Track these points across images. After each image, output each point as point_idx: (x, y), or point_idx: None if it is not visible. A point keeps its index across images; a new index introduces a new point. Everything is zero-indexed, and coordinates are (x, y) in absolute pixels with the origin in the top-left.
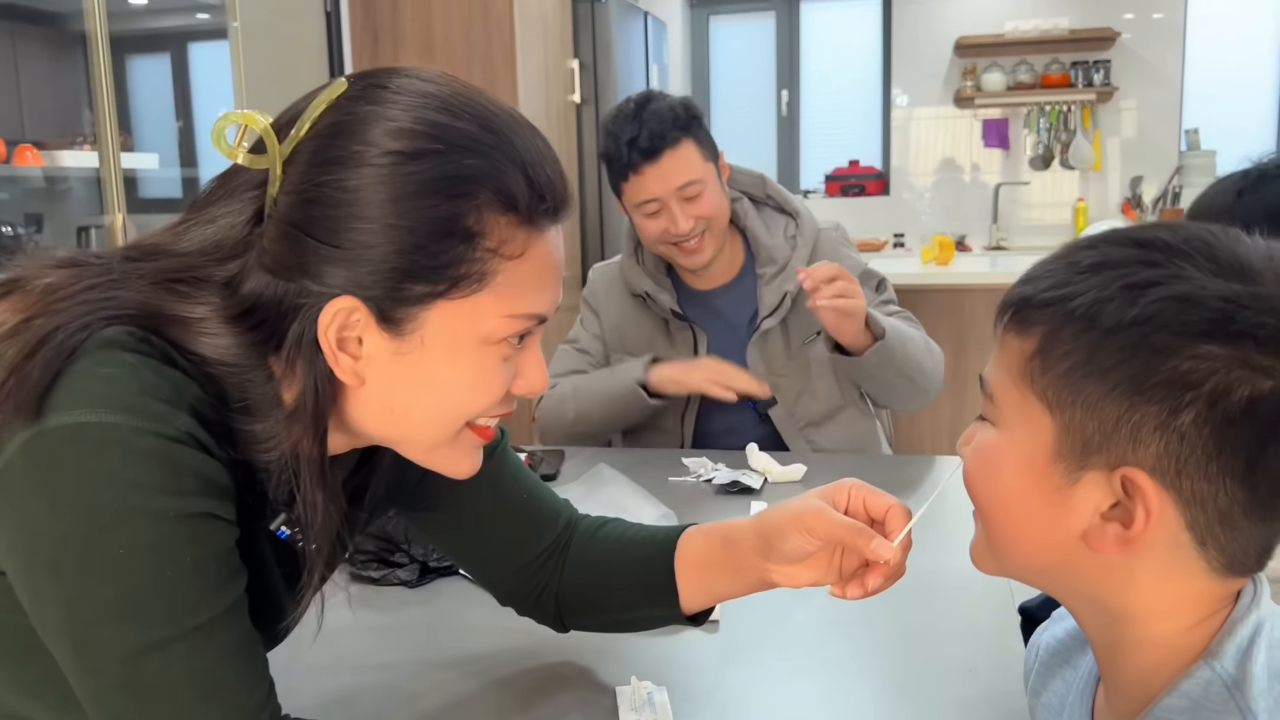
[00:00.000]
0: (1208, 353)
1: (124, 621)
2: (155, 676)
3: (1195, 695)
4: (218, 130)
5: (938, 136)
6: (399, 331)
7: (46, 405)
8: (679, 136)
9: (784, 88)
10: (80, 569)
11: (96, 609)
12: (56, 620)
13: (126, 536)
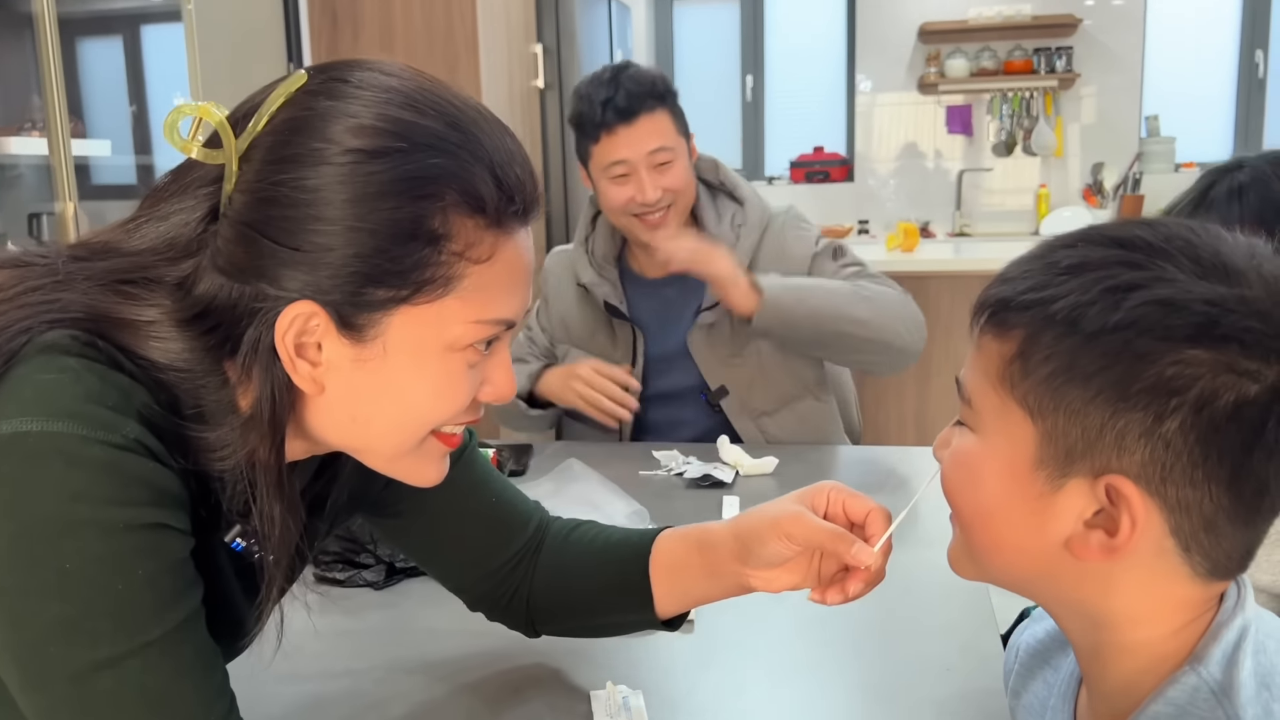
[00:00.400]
0: (1193, 358)
1: (72, 639)
2: (107, 696)
3: (1181, 702)
4: (170, 122)
5: (902, 123)
6: (360, 338)
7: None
8: (655, 105)
9: (749, 73)
10: (23, 585)
11: (42, 627)
12: (2, 638)
13: (72, 550)
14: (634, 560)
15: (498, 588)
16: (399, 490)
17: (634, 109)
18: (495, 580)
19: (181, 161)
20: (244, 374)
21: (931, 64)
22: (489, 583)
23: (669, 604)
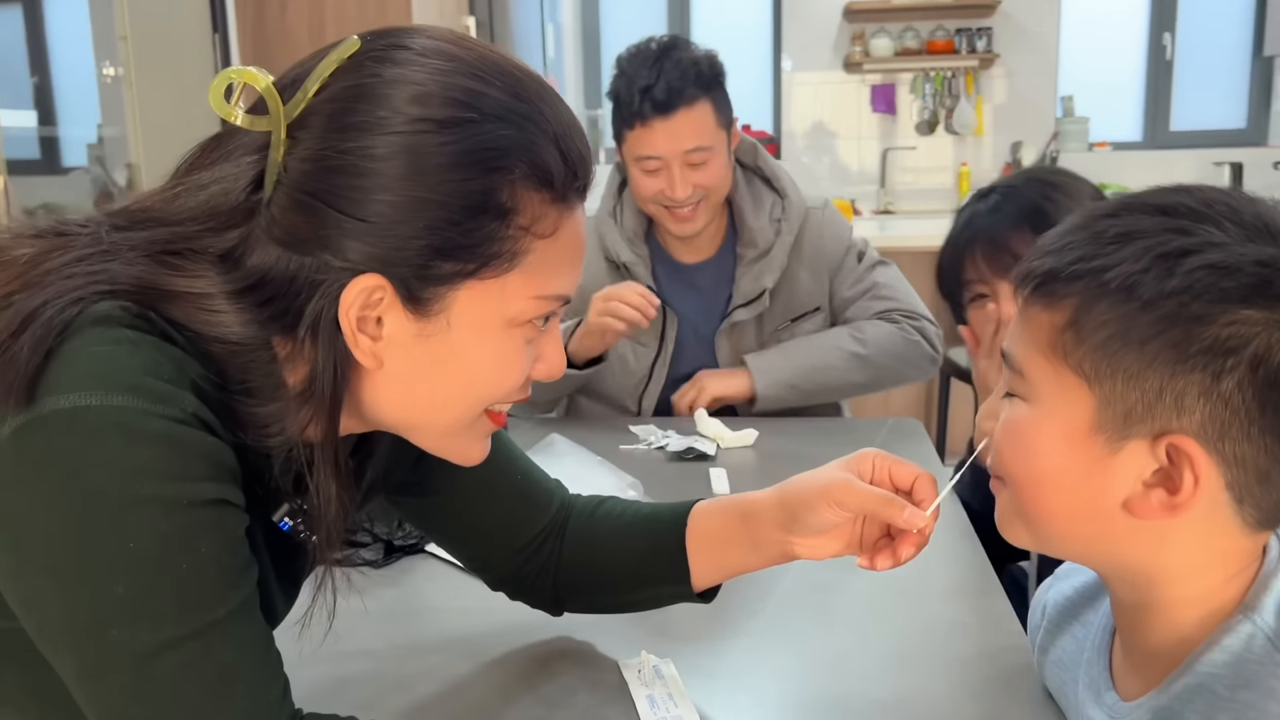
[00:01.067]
0: (1246, 317)
1: (135, 621)
2: (170, 678)
3: (1237, 650)
4: (217, 87)
5: (827, 102)
6: (425, 312)
7: (39, 388)
8: (697, 95)
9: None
10: (84, 566)
11: (104, 609)
12: (57, 624)
13: (136, 528)
14: (669, 534)
15: (524, 566)
16: (427, 469)
17: (672, 103)
18: (522, 559)
19: (219, 130)
20: (297, 348)
21: (856, 43)
22: (515, 561)
23: (706, 576)
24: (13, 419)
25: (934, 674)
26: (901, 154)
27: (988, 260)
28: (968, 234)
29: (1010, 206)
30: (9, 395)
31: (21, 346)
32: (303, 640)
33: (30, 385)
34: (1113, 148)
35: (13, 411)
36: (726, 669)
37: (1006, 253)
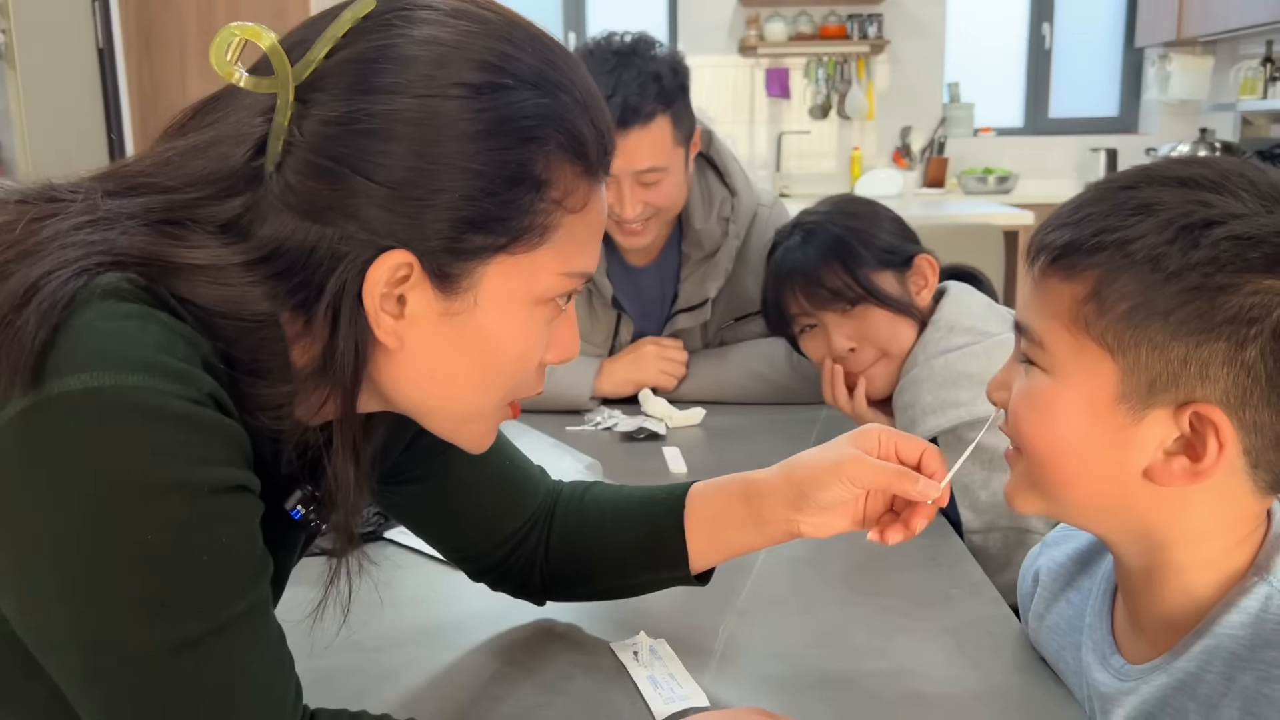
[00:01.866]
0: (1269, 287)
1: (154, 618)
2: (187, 679)
3: (1254, 610)
4: (219, 44)
5: (722, 85)
6: (452, 289)
7: (48, 366)
8: (655, 112)
9: (570, 30)
10: (98, 560)
11: (120, 606)
12: (63, 623)
13: (156, 517)
14: (666, 517)
15: (510, 556)
16: (415, 456)
17: (628, 120)
18: (508, 549)
19: (217, 89)
20: (308, 325)
21: (751, 27)
22: (501, 551)
23: (704, 558)
24: (18, 400)
25: (928, 644)
26: (795, 138)
27: (806, 295)
28: (782, 273)
29: (816, 242)
30: (14, 375)
31: (26, 320)
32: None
33: (38, 362)
34: (996, 133)
35: (18, 393)
36: (718, 647)
37: (820, 286)
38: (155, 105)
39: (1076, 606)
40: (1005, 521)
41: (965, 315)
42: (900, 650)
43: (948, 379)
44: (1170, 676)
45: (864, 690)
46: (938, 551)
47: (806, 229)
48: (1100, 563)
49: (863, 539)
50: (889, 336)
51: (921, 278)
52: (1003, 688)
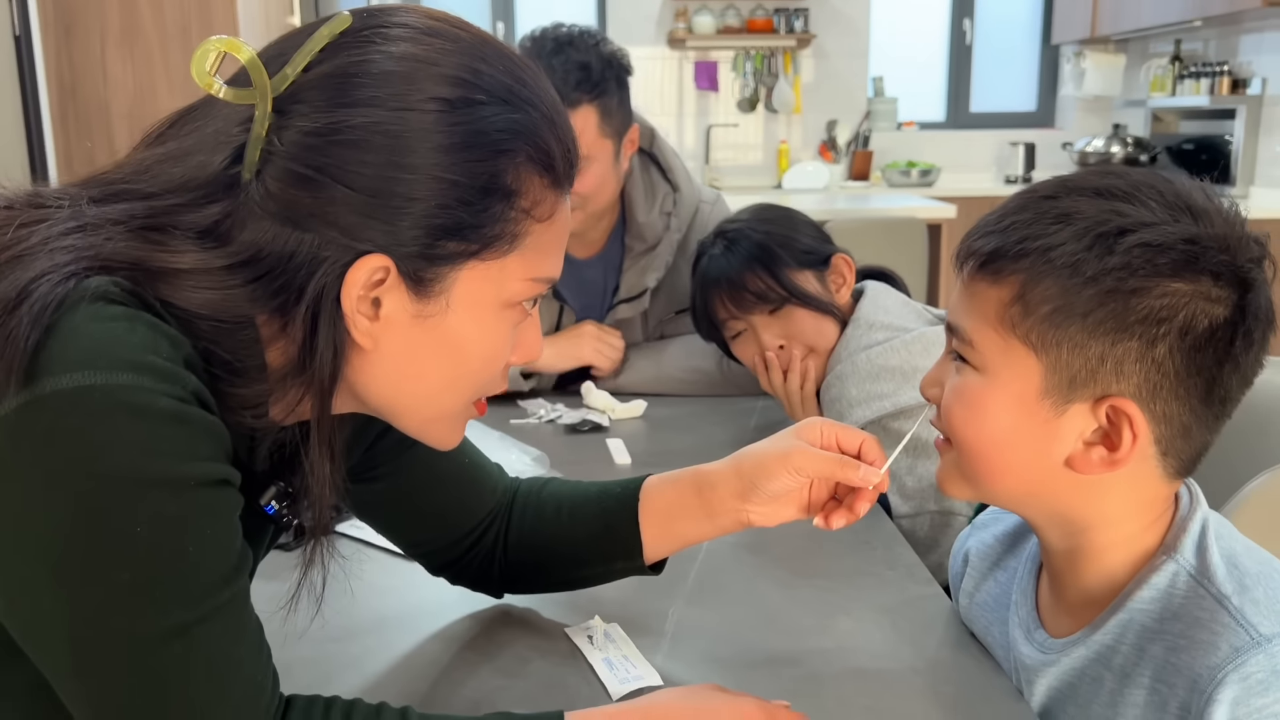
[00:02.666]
0: (1176, 290)
1: (141, 608)
2: (172, 668)
3: (1163, 586)
4: (200, 56)
5: (651, 77)
6: (426, 293)
7: (39, 366)
8: (580, 100)
9: (499, 20)
10: (88, 553)
11: (108, 596)
12: (52, 614)
13: (145, 511)
14: (621, 510)
15: (469, 551)
16: (376, 455)
17: None
18: (467, 544)
19: (196, 100)
20: (285, 326)
21: (680, 19)
22: (460, 547)
23: (658, 548)
24: (11, 399)
25: (865, 622)
26: (724, 131)
27: (732, 300)
28: (709, 280)
29: (738, 249)
30: (8, 375)
31: (19, 322)
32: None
33: (30, 363)
34: (919, 127)
35: (12, 391)
36: (669, 629)
37: (746, 291)
38: (75, 94)
39: (1003, 585)
40: (932, 505)
41: (883, 313)
42: (840, 629)
43: (870, 373)
44: (1089, 649)
45: (808, 667)
46: (871, 535)
47: (729, 237)
48: (1025, 544)
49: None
50: (814, 333)
51: (839, 275)
52: (936, 661)
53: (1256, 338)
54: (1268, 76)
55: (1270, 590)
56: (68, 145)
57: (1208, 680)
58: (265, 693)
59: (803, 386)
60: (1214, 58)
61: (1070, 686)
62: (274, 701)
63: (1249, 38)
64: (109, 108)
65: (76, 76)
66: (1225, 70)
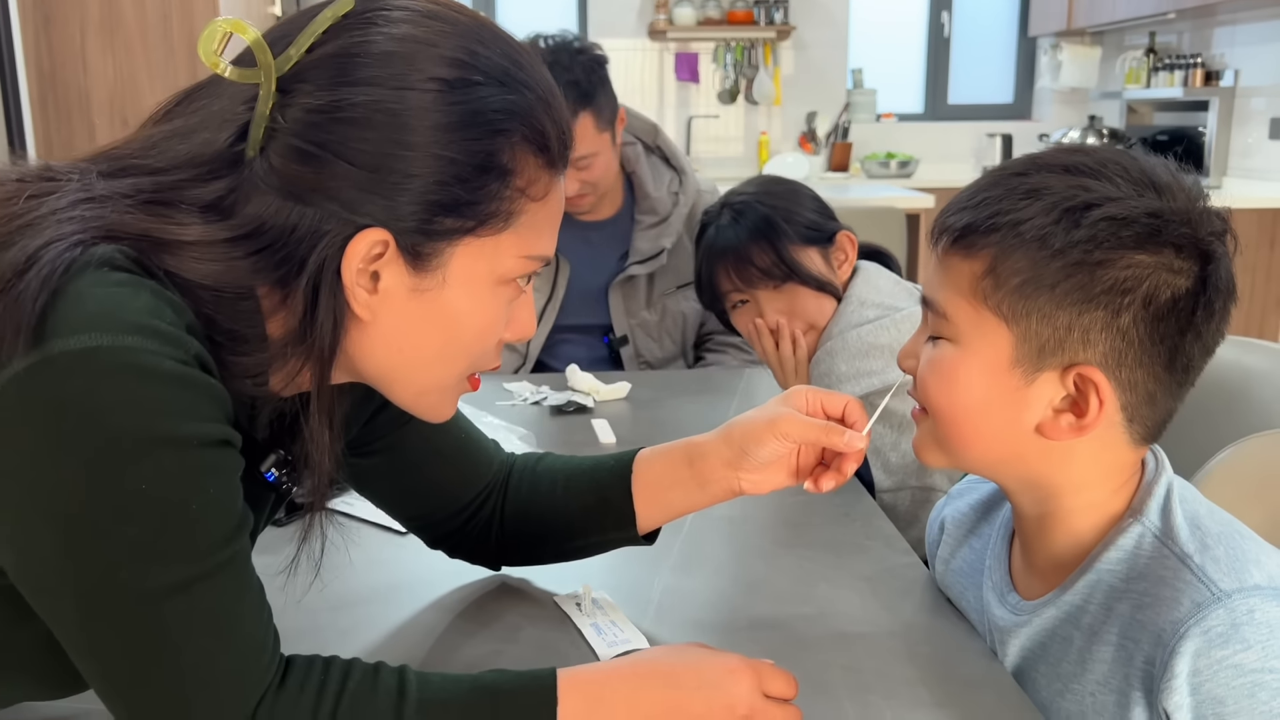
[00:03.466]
0: (1140, 261)
1: (147, 563)
2: (175, 622)
3: (1129, 547)
4: (208, 38)
5: (632, 68)
6: (424, 267)
7: (47, 328)
8: (577, 110)
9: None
10: (95, 509)
11: (114, 552)
12: (59, 569)
13: (149, 468)
14: (614, 482)
15: (465, 524)
16: (377, 429)
17: None
18: (464, 517)
19: (202, 79)
20: (287, 298)
21: (660, 10)
22: (458, 520)
23: (651, 519)
24: (20, 360)
25: (844, 590)
26: (704, 122)
27: (737, 273)
28: (714, 252)
29: (744, 222)
30: (17, 336)
31: (28, 285)
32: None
33: (38, 325)
34: (898, 119)
35: (21, 352)
36: (655, 596)
37: (750, 264)
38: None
39: (978, 551)
40: (914, 481)
41: (875, 292)
42: (821, 596)
43: (860, 350)
44: (1059, 609)
45: (790, 631)
46: (852, 508)
47: (735, 209)
48: (999, 512)
49: (783, 501)
50: (815, 311)
51: (843, 253)
52: (913, 625)
53: (1217, 308)
54: (1240, 68)
55: (1231, 549)
56: (48, 134)
57: (1171, 634)
58: (266, 650)
59: (795, 353)
60: (1188, 50)
61: (1041, 646)
62: (274, 660)
63: (1222, 30)
64: (89, 96)
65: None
66: (1199, 62)
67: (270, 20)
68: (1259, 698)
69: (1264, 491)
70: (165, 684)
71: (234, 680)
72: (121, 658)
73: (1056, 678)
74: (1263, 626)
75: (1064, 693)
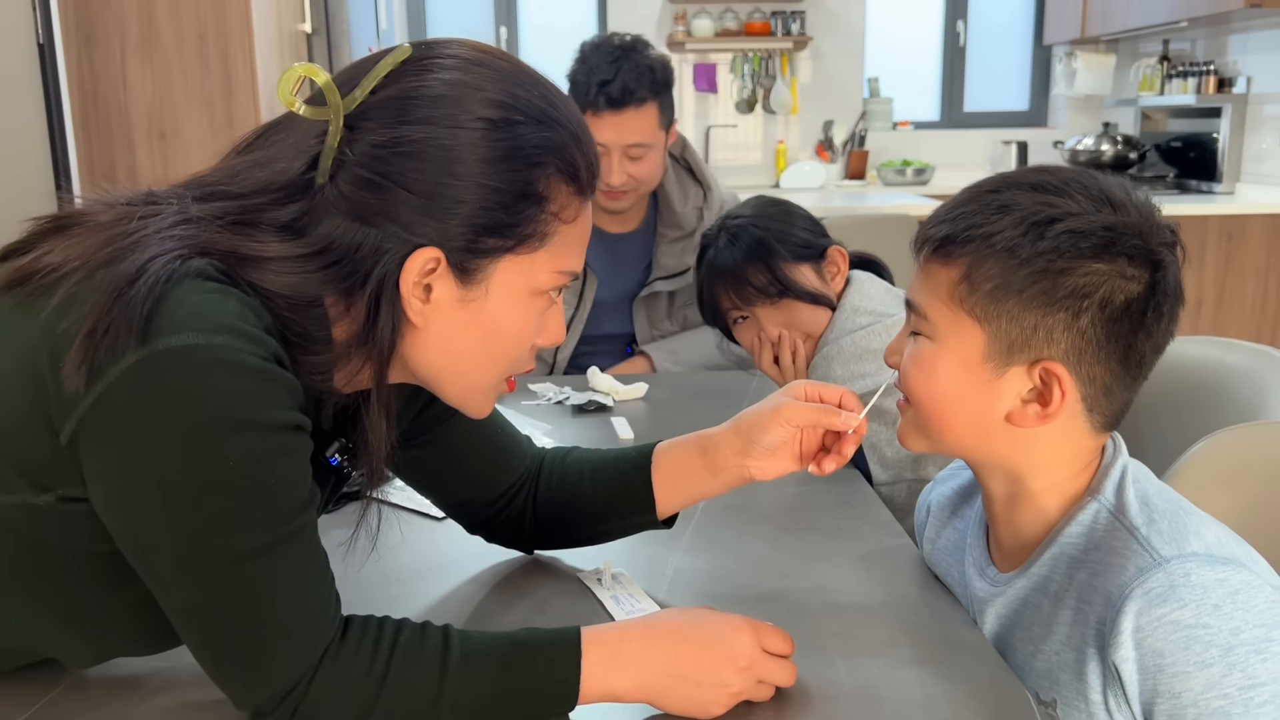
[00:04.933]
0: (1097, 270)
1: (233, 529)
2: (254, 580)
3: (1087, 522)
4: (285, 79)
5: None
6: (469, 281)
7: (151, 329)
8: (647, 98)
9: (502, 24)
10: (191, 482)
11: (206, 519)
12: (160, 533)
13: (235, 449)
14: (635, 472)
15: (502, 511)
16: (424, 423)
17: (625, 101)
18: (500, 504)
19: (277, 116)
20: (350, 306)
21: (679, 22)
22: (495, 507)
23: (669, 504)
24: (131, 354)
25: (841, 567)
26: (723, 131)
27: (735, 292)
28: (713, 273)
29: (740, 244)
30: (129, 334)
31: (137, 291)
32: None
33: (145, 326)
34: (914, 126)
35: (131, 348)
36: (668, 573)
37: (747, 284)
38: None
39: (960, 531)
40: (909, 474)
41: (867, 300)
42: (820, 573)
43: (854, 354)
44: (1029, 580)
45: (789, 602)
46: (851, 497)
47: (732, 231)
48: (978, 496)
49: (787, 490)
50: (811, 322)
51: (834, 265)
52: (903, 597)
53: (1165, 310)
54: (1253, 75)
55: (1174, 522)
56: (89, 148)
57: (1118, 596)
58: (330, 608)
59: (794, 362)
60: (1201, 57)
61: (1015, 614)
62: (336, 617)
63: (1235, 38)
64: (128, 112)
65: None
66: (1211, 70)
67: (301, 38)
68: (1193, 650)
69: (1232, 480)
70: (244, 635)
71: (303, 633)
72: (208, 612)
73: (1029, 640)
74: (1197, 588)
75: (1035, 654)
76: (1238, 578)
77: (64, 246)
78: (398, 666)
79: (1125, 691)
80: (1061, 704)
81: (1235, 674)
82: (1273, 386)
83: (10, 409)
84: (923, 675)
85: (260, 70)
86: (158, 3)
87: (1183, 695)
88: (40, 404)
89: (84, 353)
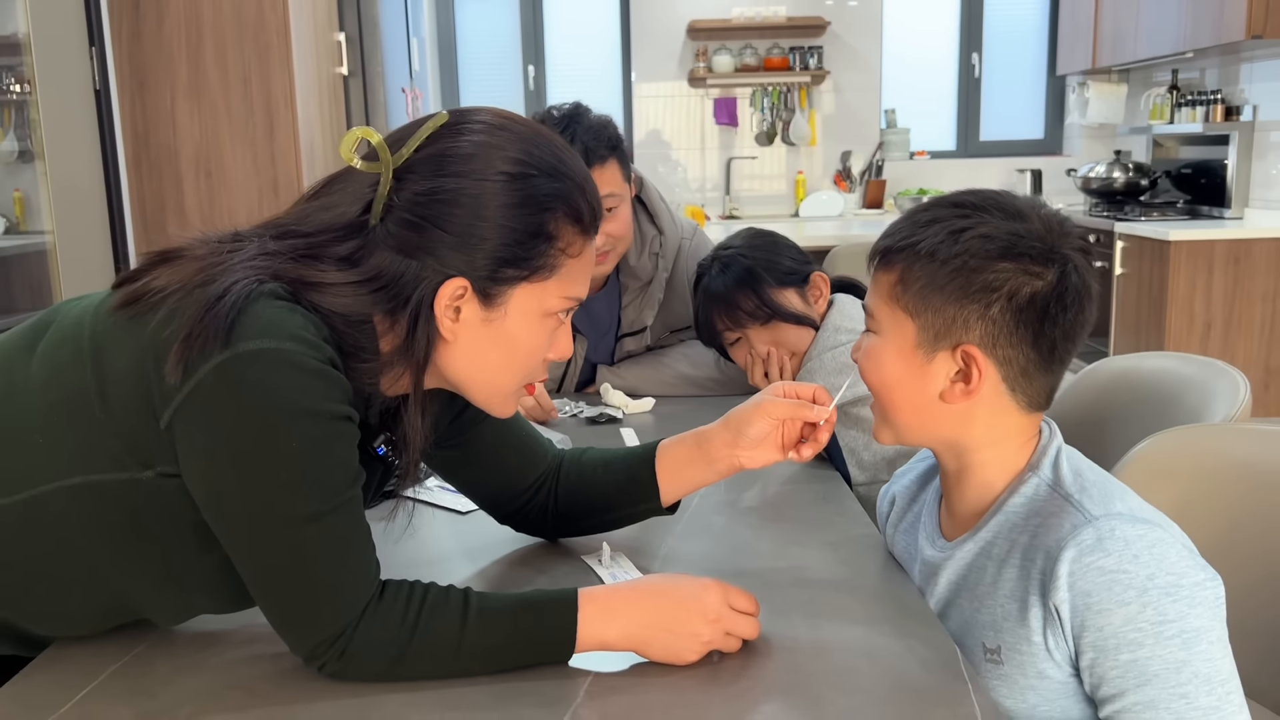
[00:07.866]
0: (1004, 268)
1: (294, 498)
2: (312, 542)
3: (1029, 494)
4: (348, 140)
5: (674, 113)
6: (491, 304)
7: (233, 335)
8: (606, 155)
9: (530, 64)
10: (262, 459)
11: (274, 489)
12: (234, 501)
13: (299, 432)
14: (642, 465)
15: (529, 503)
16: (459, 426)
17: (589, 160)
18: (526, 498)
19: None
20: (394, 325)
21: (700, 59)
22: (522, 499)
23: (672, 493)
24: (217, 355)
25: (812, 551)
26: (743, 163)
27: (728, 316)
28: (707, 299)
29: (731, 273)
30: (217, 339)
31: (224, 305)
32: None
33: (228, 333)
34: (930, 156)
35: (218, 350)
36: (661, 553)
37: (738, 309)
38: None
39: (916, 514)
40: (884, 475)
41: (847, 319)
42: (792, 554)
43: (835, 368)
44: (975, 545)
45: (765, 578)
46: (828, 494)
47: (723, 261)
48: (932, 482)
49: (774, 489)
50: (796, 340)
51: (817, 289)
52: (865, 576)
53: (1069, 302)
54: (1259, 104)
55: (1102, 490)
56: (140, 188)
57: (1055, 549)
58: (371, 571)
59: (781, 376)
60: (1209, 86)
61: (963, 577)
62: (376, 578)
63: (1242, 67)
64: (178, 154)
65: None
66: (1219, 98)
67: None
68: (1114, 591)
69: (1172, 474)
70: (301, 589)
71: (349, 588)
72: (272, 568)
73: (975, 598)
74: (1120, 540)
75: (980, 609)
76: (1154, 534)
77: (168, 273)
78: (426, 619)
79: (1063, 629)
80: (1005, 649)
81: (1149, 611)
82: (1218, 393)
83: (125, 399)
84: (870, 633)
85: (300, 111)
86: (205, 50)
87: (1105, 629)
88: (146, 396)
89: (181, 354)
